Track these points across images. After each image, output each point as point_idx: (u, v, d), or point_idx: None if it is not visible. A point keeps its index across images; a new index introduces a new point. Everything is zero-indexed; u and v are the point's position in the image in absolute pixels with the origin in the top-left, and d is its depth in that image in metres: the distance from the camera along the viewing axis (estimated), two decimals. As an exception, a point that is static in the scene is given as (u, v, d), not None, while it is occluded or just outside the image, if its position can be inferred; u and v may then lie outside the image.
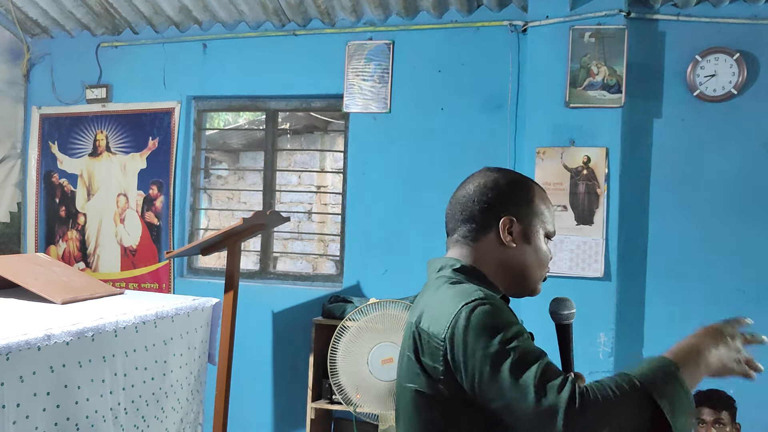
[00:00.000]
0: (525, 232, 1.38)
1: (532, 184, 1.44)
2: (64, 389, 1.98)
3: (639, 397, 1.11)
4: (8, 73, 4.56)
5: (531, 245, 1.39)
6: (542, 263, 1.41)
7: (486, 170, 1.45)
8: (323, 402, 3.64)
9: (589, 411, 1.08)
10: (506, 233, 1.37)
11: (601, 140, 3.45)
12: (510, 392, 1.13)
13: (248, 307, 3.91)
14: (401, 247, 3.88)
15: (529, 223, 1.39)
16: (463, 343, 1.18)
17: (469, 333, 1.18)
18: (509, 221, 1.37)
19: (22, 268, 2.60)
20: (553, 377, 1.12)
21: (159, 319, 2.45)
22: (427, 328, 1.26)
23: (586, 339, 3.34)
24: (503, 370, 1.14)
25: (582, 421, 1.08)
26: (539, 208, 1.41)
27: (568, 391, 1.10)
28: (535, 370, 1.13)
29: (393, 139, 3.94)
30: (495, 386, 1.14)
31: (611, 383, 1.12)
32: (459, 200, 1.42)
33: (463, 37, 3.84)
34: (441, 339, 1.22)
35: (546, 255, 1.41)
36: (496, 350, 1.15)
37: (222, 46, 4.27)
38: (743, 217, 3.43)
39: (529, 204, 1.40)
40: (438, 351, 1.22)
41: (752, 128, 3.43)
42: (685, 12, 3.51)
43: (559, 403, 1.09)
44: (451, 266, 1.37)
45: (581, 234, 3.45)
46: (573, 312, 1.46)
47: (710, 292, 3.42)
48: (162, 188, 4.35)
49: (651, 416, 1.11)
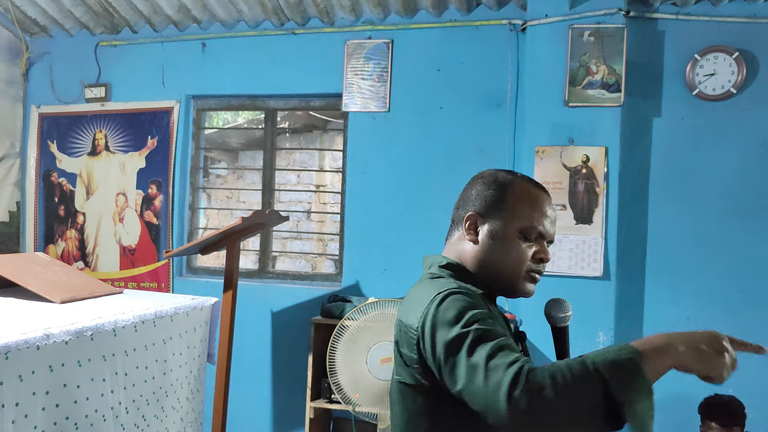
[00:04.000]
0: (493, 230, 1.38)
1: (516, 181, 1.41)
2: (64, 388, 1.98)
3: (590, 379, 1.04)
4: (7, 72, 4.56)
5: (498, 242, 1.37)
6: (513, 261, 1.36)
7: (482, 171, 1.47)
8: (322, 401, 3.64)
9: (531, 392, 1.04)
10: (467, 229, 1.40)
11: (601, 139, 3.45)
12: (465, 373, 1.13)
13: (247, 307, 3.91)
14: (400, 246, 3.88)
15: (499, 220, 1.37)
16: (431, 330, 1.21)
17: (436, 320, 1.21)
18: (472, 217, 1.40)
19: (21, 268, 2.60)
20: (505, 357, 1.09)
21: (158, 319, 2.45)
22: (405, 320, 1.30)
23: (585, 338, 3.35)
24: (462, 352, 1.14)
25: (523, 400, 1.04)
26: (515, 204, 1.38)
27: (514, 372, 1.06)
28: (489, 349, 1.12)
29: (392, 138, 3.94)
30: (455, 369, 1.15)
31: (563, 364, 1.07)
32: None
33: (463, 36, 3.84)
34: (415, 329, 1.25)
35: (518, 252, 1.36)
36: (457, 334, 1.16)
37: (221, 46, 4.26)
38: (742, 215, 3.43)
39: (500, 201, 1.38)
40: (412, 341, 1.26)
41: (751, 127, 3.43)
42: (685, 11, 3.51)
43: (503, 382, 1.06)
44: (438, 263, 1.41)
45: (580, 233, 3.45)
46: (569, 315, 1.44)
47: (709, 292, 3.42)
48: (161, 187, 4.35)
49: (602, 401, 1.03)
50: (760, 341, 1.17)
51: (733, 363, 1.08)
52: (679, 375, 1.10)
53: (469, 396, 1.13)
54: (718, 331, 1.11)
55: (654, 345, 1.07)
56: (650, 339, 1.09)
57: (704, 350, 1.07)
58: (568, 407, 1.04)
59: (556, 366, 1.07)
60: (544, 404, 1.04)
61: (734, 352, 1.09)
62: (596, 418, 1.04)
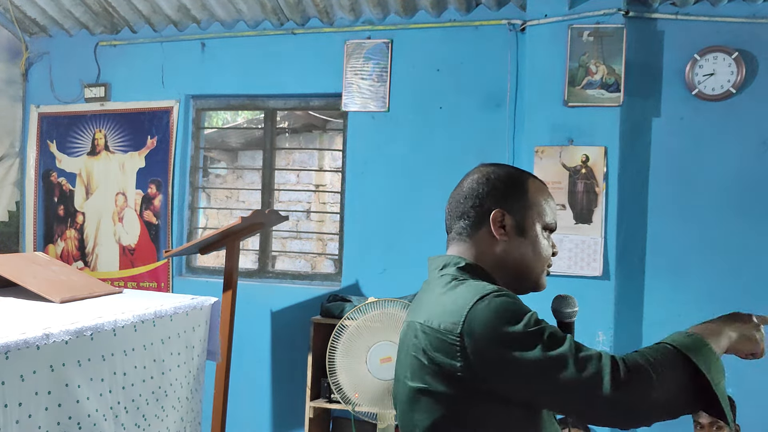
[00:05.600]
0: (519, 225, 1.37)
1: (528, 176, 1.43)
2: (65, 388, 1.98)
3: (676, 359, 1.13)
4: (7, 71, 4.55)
5: (526, 238, 1.37)
6: (540, 256, 1.38)
7: (481, 166, 1.45)
8: (322, 401, 3.64)
9: (633, 375, 1.10)
10: (498, 227, 1.36)
11: (600, 139, 3.45)
12: (547, 370, 1.13)
13: (247, 306, 3.91)
14: (400, 245, 3.88)
15: (523, 216, 1.37)
16: (486, 333, 1.17)
17: (489, 323, 1.17)
18: (500, 214, 1.36)
19: (20, 267, 2.60)
20: (587, 349, 1.14)
21: (158, 318, 2.45)
22: (437, 326, 1.23)
23: (585, 338, 3.33)
24: (536, 351, 1.14)
25: (629, 384, 1.10)
26: (535, 199, 1.39)
27: (609, 358, 1.12)
28: (569, 344, 1.14)
29: (392, 138, 3.94)
30: (526, 369, 1.14)
31: (646, 350, 1.15)
32: (455, 197, 1.43)
33: (462, 36, 3.84)
34: (456, 334, 1.19)
35: (544, 247, 1.39)
36: (525, 332, 1.16)
37: (220, 45, 4.26)
38: (742, 215, 3.43)
39: (523, 196, 1.38)
40: (454, 347, 1.19)
41: (751, 127, 3.43)
42: (684, 11, 3.51)
43: (604, 369, 1.10)
44: (455, 264, 1.35)
45: (580, 233, 3.45)
46: (575, 310, 1.45)
47: (709, 291, 3.43)
48: (160, 187, 4.35)
49: (691, 377, 1.12)
50: (759, 341, 1.25)
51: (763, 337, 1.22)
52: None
53: (553, 392, 1.14)
54: (742, 312, 1.25)
55: (712, 333, 1.19)
56: (703, 328, 1.21)
57: (748, 334, 1.20)
58: (666, 389, 1.11)
59: (644, 352, 1.15)
60: (647, 386, 1.10)
61: None
62: (688, 400, 1.14)
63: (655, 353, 1.13)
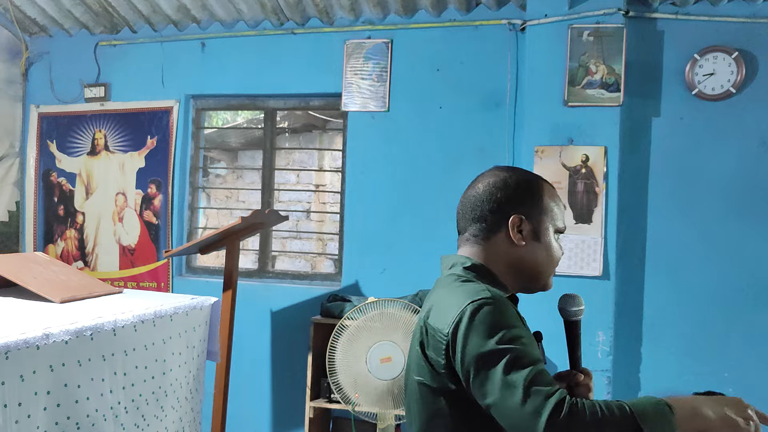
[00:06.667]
0: (535, 230, 1.40)
1: (542, 181, 1.46)
2: (65, 388, 1.98)
3: (625, 422, 1.09)
4: (6, 71, 4.55)
5: (541, 243, 1.41)
6: (553, 260, 1.43)
7: (496, 169, 1.46)
8: (322, 401, 3.64)
9: (573, 424, 1.09)
10: (516, 232, 1.39)
11: (600, 139, 3.45)
12: (499, 390, 1.14)
13: (247, 306, 3.91)
14: (400, 245, 3.88)
15: (539, 221, 1.41)
16: (464, 338, 1.21)
17: (470, 330, 1.20)
18: (519, 220, 1.39)
19: (20, 267, 2.60)
20: (544, 384, 1.13)
21: (158, 318, 2.45)
22: (433, 323, 1.29)
23: (585, 338, 3.32)
24: (497, 368, 1.15)
25: (564, 429, 1.08)
26: (549, 205, 1.42)
27: (557, 399, 1.10)
28: (527, 373, 1.14)
29: (391, 138, 3.94)
30: (486, 383, 1.17)
31: (602, 403, 1.12)
32: (469, 199, 1.44)
33: (462, 36, 3.84)
34: (444, 334, 1.25)
35: (557, 252, 1.43)
36: (493, 349, 1.17)
37: (220, 45, 4.26)
38: (742, 215, 3.43)
39: (539, 202, 1.41)
40: (440, 345, 1.26)
41: (751, 127, 3.43)
42: (684, 11, 3.51)
43: (545, 408, 1.10)
44: (462, 264, 1.40)
45: (580, 233, 3.45)
46: (582, 309, 1.48)
47: (709, 291, 3.43)
48: (160, 187, 4.35)
49: None
50: (760, 341, 1.20)
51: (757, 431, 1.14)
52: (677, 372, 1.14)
53: (500, 412, 1.16)
54: (742, 399, 1.17)
55: (687, 407, 1.14)
56: (682, 401, 1.15)
57: (732, 418, 1.14)
58: None
59: (597, 403, 1.12)
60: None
61: (759, 423, 1.15)
62: None
63: (610, 410, 1.10)
